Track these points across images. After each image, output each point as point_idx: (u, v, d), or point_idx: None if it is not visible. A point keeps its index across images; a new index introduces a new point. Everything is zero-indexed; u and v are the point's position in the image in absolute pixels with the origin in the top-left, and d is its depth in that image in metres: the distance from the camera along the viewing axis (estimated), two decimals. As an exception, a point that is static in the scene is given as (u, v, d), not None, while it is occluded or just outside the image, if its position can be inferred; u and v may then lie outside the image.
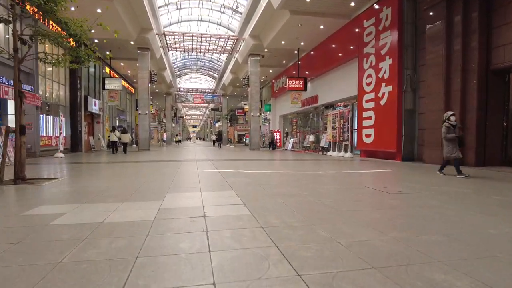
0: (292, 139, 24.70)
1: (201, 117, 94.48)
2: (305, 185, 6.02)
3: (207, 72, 43.63)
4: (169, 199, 4.63)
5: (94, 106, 22.68)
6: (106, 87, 22.56)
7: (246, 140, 41.46)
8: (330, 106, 21.21)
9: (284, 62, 25.81)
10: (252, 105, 23.65)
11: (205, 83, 50.37)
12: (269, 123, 32.74)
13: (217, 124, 61.19)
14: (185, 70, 43.19)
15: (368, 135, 15.23)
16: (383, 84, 14.15)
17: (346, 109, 17.03)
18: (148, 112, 22.52)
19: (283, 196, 4.85)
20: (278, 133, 29.11)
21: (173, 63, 37.53)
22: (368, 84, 15.23)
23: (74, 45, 7.00)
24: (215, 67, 40.11)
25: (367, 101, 15.35)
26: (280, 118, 30.93)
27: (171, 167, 9.70)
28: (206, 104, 62.29)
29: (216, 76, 42.24)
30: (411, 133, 13.61)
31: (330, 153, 18.13)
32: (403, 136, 13.46)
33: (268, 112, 32.73)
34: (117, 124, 30.71)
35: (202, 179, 6.85)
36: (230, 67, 31.30)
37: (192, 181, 6.55)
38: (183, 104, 64.75)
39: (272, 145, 22.95)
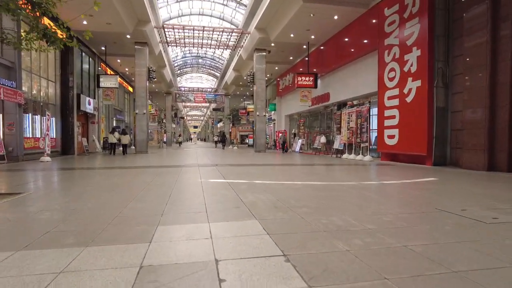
0: (300, 141, 22.96)
1: (202, 118, 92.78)
2: (355, 209, 4.27)
3: (209, 70, 41.92)
4: (160, 241, 2.89)
5: (88, 105, 20.96)
6: (101, 84, 20.85)
7: (249, 141, 39.77)
8: (343, 104, 19.47)
9: (291, 58, 24.08)
10: (257, 104, 21.91)
11: (207, 82, 48.66)
12: (274, 123, 30.99)
13: (219, 125, 59.49)
14: (185, 69, 41.49)
15: (391, 136, 13.50)
16: (410, 79, 12.41)
17: (364, 107, 15.28)
18: (146, 112, 20.79)
19: (340, 232, 3.11)
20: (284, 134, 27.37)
21: (173, 61, 35.83)
22: (391, 79, 13.50)
23: (39, 15, 5.18)
24: (217, 65, 38.40)
25: (389, 98, 13.62)
26: (286, 118, 29.19)
27: (169, 176, 7.96)
28: (207, 104, 60.59)
29: (218, 74, 40.51)
30: (442, 134, 11.86)
31: (345, 155, 16.38)
32: (434, 138, 11.72)
33: (273, 112, 30.98)
34: (114, 125, 29.04)
35: (208, 197, 5.11)
36: (233, 64, 29.57)
37: (195, 201, 4.82)
38: (184, 104, 63.07)
39: (284, 147, 20.72)
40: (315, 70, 20.64)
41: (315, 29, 17.72)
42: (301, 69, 24.27)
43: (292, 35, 18.74)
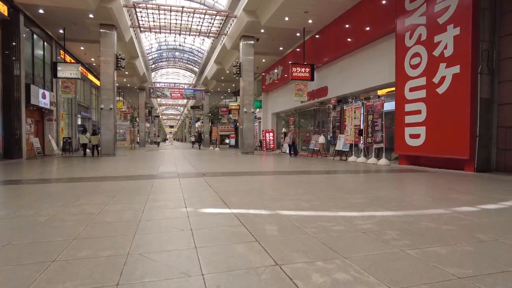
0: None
1: (178, 117, 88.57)
2: None
3: (187, 65, 38.49)
4: None
5: (43, 98, 17.29)
6: (59, 74, 17.24)
7: (231, 141, 36.77)
8: (344, 100, 16.91)
9: (281, 49, 21.32)
10: (244, 99, 18.97)
11: (184, 78, 45.14)
12: (260, 122, 28.13)
13: (197, 124, 56.03)
14: (161, 63, 37.86)
15: (414, 136, 10.98)
16: (443, 65, 9.91)
17: (378, 101, 12.71)
18: (113, 107, 17.36)
19: None
20: (271, 134, 24.59)
21: (148, 53, 32.21)
22: (415, 67, 10.98)
23: None
24: (196, 59, 35.07)
25: (412, 89, 11.09)
26: (273, 116, 26.41)
27: (133, 199, 4.92)
28: (185, 102, 56.89)
29: (197, 69, 37.17)
30: (487, 133, 9.43)
31: (352, 158, 13.76)
32: (477, 137, 9.26)
33: (258, 110, 28.09)
34: (79, 123, 25.22)
35: (216, 277, 2.16)
36: (214, 56, 26.45)
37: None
38: (159, 102, 59.09)
39: (293, 149, 17.10)
40: (305, 63, 17.93)
41: (315, 11, 15.00)
42: (289, 63, 21.55)
43: (287, 18, 15.95)
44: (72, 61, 20.78)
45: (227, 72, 27.28)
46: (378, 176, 8.24)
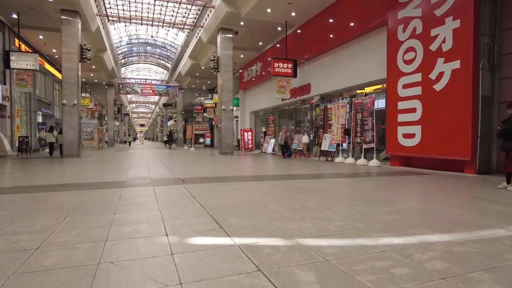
0: (272, 141, 19.21)
1: (149, 115, 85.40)
2: None
3: (158, 60, 36.53)
4: None
5: (-7, 92, 15.19)
6: (12, 65, 15.24)
7: (206, 141, 35.33)
8: (328, 97, 16.10)
9: (260, 44, 20.23)
10: (223, 96, 17.71)
11: (156, 75, 43.00)
12: (237, 120, 26.92)
13: (169, 123, 53.90)
14: (131, 58, 35.68)
15: (408, 135, 10.26)
16: (440, 60, 9.21)
17: (368, 98, 11.92)
18: (77, 103, 15.53)
19: None
20: (249, 133, 23.47)
21: (117, 47, 30.08)
22: (409, 62, 10.25)
23: None
24: (169, 54, 33.27)
25: (406, 86, 10.36)
26: (251, 115, 25.29)
27: (93, 219, 3.67)
28: (156, 99, 54.50)
29: (170, 65, 35.34)
30: (488, 133, 8.82)
31: (339, 159, 12.92)
32: (478, 137, 8.62)
33: (235, 108, 26.83)
34: (40, 121, 22.88)
35: None
36: (189, 50, 24.91)
37: None
38: (129, 99, 56.29)
39: (286, 149, 15.30)
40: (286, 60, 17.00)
41: (300, 2, 14.01)
42: (268, 59, 20.53)
43: (269, 10, 14.87)
44: (29, 50, 18.58)
45: (203, 68, 25.85)
46: (383, 181, 7.32)
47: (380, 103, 12.70)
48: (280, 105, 20.44)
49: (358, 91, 14.25)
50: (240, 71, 25.32)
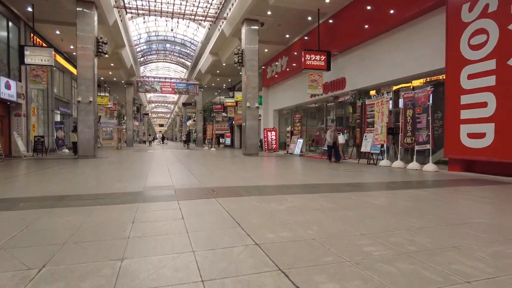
0: (300, 141, 17.59)
1: (168, 115, 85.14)
2: None
3: (178, 59, 35.51)
4: None
5: (7, 89, 14.23)
6: (27, 60, 14.27)
7: (226, 141, 34.03)
8: (365, 93, 14.42)
9: (287, 36, 18.66)
10: (248, 93, 16.26)
11: (175, 74, 42.06)
12: (259, 119, 25.35)
13: (188, 123, 53.01)
14: (150, 56, 34.79)
15: (476, 135, 8.48)
16: (525, 42, 7.43)
17: (422, 91, 10.18)
18: (93, 100, 14.42)
19: None
20: (273, 133, 21.93)
21: (136, 45, 29.17)
22: (477, 47, 8.47)
23: None
24: (188, 51, 32.15)
25: (472, 76, 8.59)
26: (275, 114, 23.73)
27: (81, 275, 2.21)
28: (175, 98, 53.68)
29: (189, 63, 34.23)
30: None
31: (384, 162, 11.22)
32: None
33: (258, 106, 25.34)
34: (58, 120, 22.09)
35: None
36: (210, 46, 23.58)
37: None
38: (148, 99, 55.77)
39: (335, 152, 12.62)
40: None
41: (337, -15, 12.38)
42: (295, 53, 18.99)
43: (301, -4, 13.32)
44: (44, 45, 17.64)
45: (224, 64, 24.50)
46: (476, 193, 5.64)
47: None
48: (308, 102, 18.83)
49: (404, 85, 12.50)
50: (263, 67, 23.81)
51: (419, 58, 11.08)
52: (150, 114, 68.13)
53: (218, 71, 27.17)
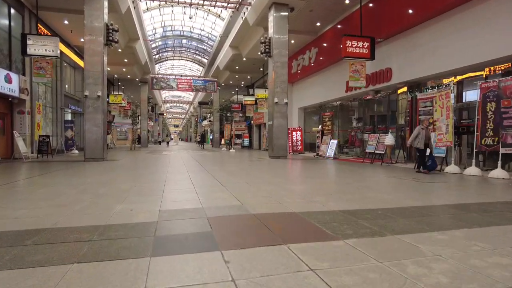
0: (334, 142, 15.35)
1: (183, 116, 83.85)
2: None
3: (194, 56, 33.72)
4: None
5: (7, 83, 12.57)
6: (30, 50, 12.52)
7: (244, 141, 32.03)
8: (416, 86, 12.16)
9: (318, 24, 16.49)
10: (275, 87, 14.16)
11: (191, 73, 40.33)
12: (282, 118, 23.21)
13: (204, 123, 51.32)
14: (165, 53, 33.11)
15: None
16: None
17: (508, 79, 7.88)
18: (102, 95, 12.59)
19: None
20: (299, 133, 19.75)
21: (151, 41, 27.47)
22: None
23: None
24: (205, 48, 30.30)
25: None
26: (300, 112, 21.56)
27: None
28: (191, 98, 52.02)
29: (206, 60, 32.38)
30: None
31: (451, 168, 8.94)
32: None
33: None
34: (68, 118, 20.51)
35: None
36: (230, 38, 21.57)
37: None
38: (163, 99, 54.34)
39: (430, 158, 8.97)
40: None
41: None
42: (325, 44, 16.81)
43: (343, -30, 11.14)
44: (49, 34, 15.94)
45: (244, 59, 22.47)
46: None
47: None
48: (341, 98, 16.63)
49: (472, 74, 10.18)
50: (287, 61, 21.65)
51: (490, 42, 8.80)
52: (165, 114, 66.76)
53: (237, 67, 25.14)
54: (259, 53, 14.46)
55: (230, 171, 8.90)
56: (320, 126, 17.16)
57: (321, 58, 17.26)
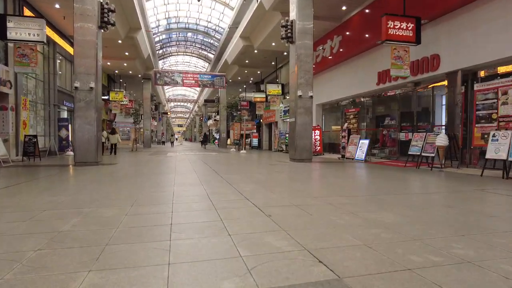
0: (364, 142, 13.15)
1: (187, 115, 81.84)
2: None
3: (200, 51, 31.62)
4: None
5: (-16, 73, 10.51)
6: (10, 35, 10.48)
7: (253, 141, 29.88)
8: (472, 75, 9.98)
9: (343, 8, 14.30)
10: (299, 77, 12.00)
11: (196, 70, 38.27)
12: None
13: (209, 122, 49.28)
14: (170, 49, 31.04)
15: None
16: None
17: None
18: (95, 87, 10.47)
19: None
20: (317, 132, 17.55)
21: (154, 34, 25.40)
22: None
23: None
24: (212, 42, 28.17)
25: None
26: (318, 109, 19.34)
27: None
28: (195, 96, 49.99)
29: (212, 55, 30.25)
30: None
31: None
32: None
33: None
34: (64, 117, 18.47)
35: None
36: (241, 28, 19.42)
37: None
38: (167, 98, 52.34)
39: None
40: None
41: None
42: (348, 33, 14.67)
43: None
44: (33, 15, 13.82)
45: (256, 51, 20.35)
46: None
47: None
48: (370, 92, 14.47)
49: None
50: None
51: None
52: (169, 113, 64.69)
53: (247, 61, 22.98)
54: (281, 38, 12.27)
55: (257, 180, 6.75)
56: (345, 124, 14.97)
57: (345, 47, 15.10)
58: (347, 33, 14.84)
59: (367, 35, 13.43)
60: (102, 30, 10.92)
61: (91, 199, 4.57)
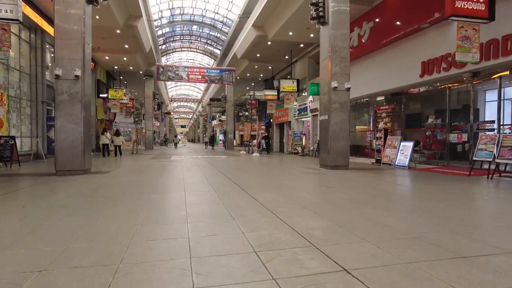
0: (408, 145, 10.87)
1: (190, 116, 79.70)
2: None
3: (206, 46, 29.44)
4: None
5: None
6: (-24, 12, 8.29)
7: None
8: None
9: (378, -13, 12.09)
10: (333, 65, 9.76)
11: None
12: (315, 115, 18.75)
13: (213, 123, 47.09)
14: (173, 44, 28.86)
15: None
16: None
17: None
18: (81, 76, 8.26)
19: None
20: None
21: (157, 27, 23.24)
22: None
23: None
24: (218, 35, 25.98)
25: None
26: (340, 107, 17.06)
27: None
28: (199, 96, 47.77)
29: (219, 51, 28.05)
30: None
31: None
32: None
33: (311, 98, 18.85)
34: (53, 115, 16.25)
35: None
36: (255, 16, 17.14)
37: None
38: (170, 97, 50.22)
39: None
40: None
41: None
42: (378, 20, 12.47)
43: None
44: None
45: (269, 43, 18.14)
46: None
47: None
48: (410, 86, 12.24)
49: None
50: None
51: None
52: (172, 113, 62.49)
53: (258, 55, 20.76)
54: (310, 18, 10.02)
55: (310, 205, 4.49)
56: (380, 124, 12.72)
57: (378, 34, 12.87)
58: (381, 18, 12.61)
59: (409, 17, 11.18)
60: (92, 5, 8.72)
61: (39, 256, 2.33)
